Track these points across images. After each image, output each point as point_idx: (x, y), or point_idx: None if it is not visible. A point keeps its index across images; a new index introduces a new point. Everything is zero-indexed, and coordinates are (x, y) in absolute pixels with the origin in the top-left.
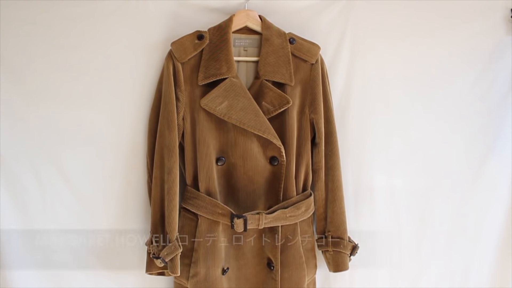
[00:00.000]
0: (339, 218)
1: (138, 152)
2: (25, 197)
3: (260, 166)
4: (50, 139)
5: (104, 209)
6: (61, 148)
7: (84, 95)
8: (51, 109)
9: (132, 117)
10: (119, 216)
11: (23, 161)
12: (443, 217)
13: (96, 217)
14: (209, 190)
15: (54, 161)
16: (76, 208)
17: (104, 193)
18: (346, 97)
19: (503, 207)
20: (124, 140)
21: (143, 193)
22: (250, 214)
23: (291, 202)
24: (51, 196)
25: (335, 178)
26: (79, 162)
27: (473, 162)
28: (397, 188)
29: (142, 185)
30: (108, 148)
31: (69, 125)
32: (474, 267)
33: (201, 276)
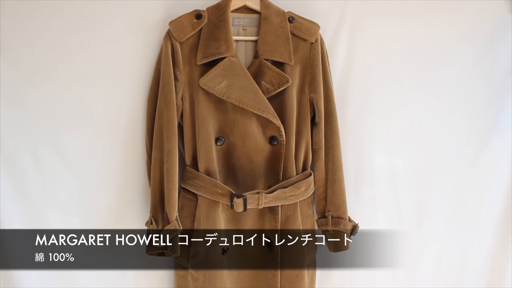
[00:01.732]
0: (339, 198)
1: (137, 133)
2: (24, 179)
3: (259, 145)
4: (48, 120)
5: (104, 190)
6: (59, 129)
7: (82, 76)
8: (48, 90)
9: (131, 97)
10: (118, 198)
11: (21, 143)
12: (443, 196)
13: (96, 199)
14: (208, 170)
15: (53, 142)
16: (76, 190)
17: (103, 174)
18: (346, 76)
19: (503, 187)
20: (123, 121)
21: (142, 174)
22: (249, 194)
23: (290, 182)
24: (50, 177)
25: (335, 158)
26: (77, 144)
27: (474, 142)
28: (397, 168)
29: (141, 166)
30: (107, 129)
31: (67, 106)
32: (473, 246)
33: (201, 255)
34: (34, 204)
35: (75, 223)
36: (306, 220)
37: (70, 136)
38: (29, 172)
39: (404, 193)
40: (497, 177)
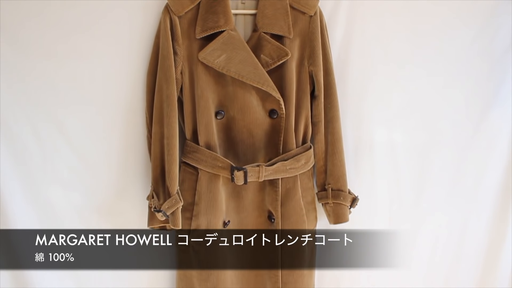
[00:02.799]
0: (339, 170)
1: (136, 108)
2: (25, 157)
3: (259, 119)
4: (48, 97)
5: (105, 166)
6: (59, 106)
7: (80, 52)
8: (47, 67)
9: (130, 72)
10: (119, 173)
11: (22, 120)
12: (442, 170)
13: (97, 174)
14: (208, 144)
15: (53, 119)
16: (77, 166)
17: (104, 150)
18: (346, 50)
19: (502, 161)
20: (123, 96)
21: (143, 149)
22: (250, 167)
23: (291, 155)
24: (51, 154)
25: (335, 131)
26: (78, 120)
27: (473, 116)
28: (396, 142)
29: (142, 140)
30: (107, 104)
31: (66, 83)
32: (472, 218)
33: (202, 228)
34: (35, 180)
35: (76, 198)
36: (306, 193)
37: (70, 112)
38: (30, 148)
39: (404, 166)
40: (496, 149)
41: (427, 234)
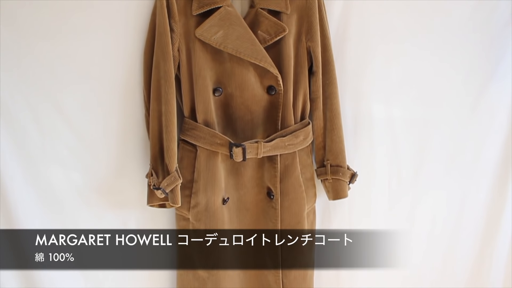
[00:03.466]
0: (338, 146)
1: (134, 86)
2: (24, 137)
3: (257, 95)
4: (45, 77)
5: (104, 145)
6: (57, 86)
7: (76, 30)
8: (43, 47)
9: (127, 50)
10: (118, 151)
11: (20, 101)
12: (441, 145)
13: (96, 154)
14: (207, 121)
15: (51, 99)
16: (76, 146)
17: (103, 129)
18: (344, 25)
19: (500, 136)
20: (120, 75)
21: (141, 127)
22: (248, 143)
23: (289, 131)
24: (50, 134)
25: (333, 107)
26: (76, 99)
27: (472, 91)
28: (395, 117)
29: (140, 119)
30: (104, 83)
31: (62, 62)
32: (470, 194)
33: (201, 206)
34: (34, 160)
35: (75, 178)
36: (305, 169)
37: (68, 92)
38: (28, 129)
39: (403, 142)
40: (495, 124)
41: (426, 210)
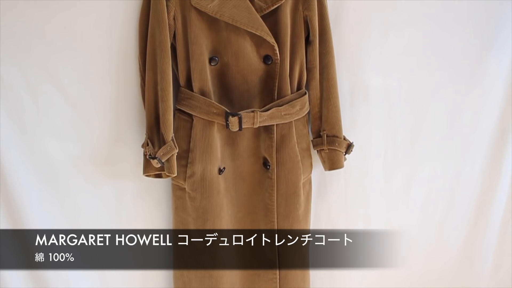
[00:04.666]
0: (334, 116)
1: (129, 55)
2: (19, 108)
3: (253, 65)
4: (39, 47)
5: (99, 115)
6: (51, 55)
7: (71, 0)
8: (37, 16)
9: (122, 19)
10: (114, 121)
11: (13, 71)
12: (438, 116)
13: (91, 124)
14: (203, 90)
15: (45, 69)
16: (71, 116)
17: (98, 99)
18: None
19: (497, 108)
20: (115, 44)
21: (136, 97)
22: (245, 112)
23: (285, 101)
24: (45, 105)
25: (330, 77)
26: (70, 69)
27: (470, 61)
28: (392, 88)
29: (135, 88)
30: (99, 53)
31: (57, 32)
32: (466, 165)
33: (197, 176)
34: (29, 131)
35: (71, 148)
36: (302, 140)
37: (62, 62)
38: (23, 99)
39: (399, 113)
40: (492, 96)
41: (421, 181)
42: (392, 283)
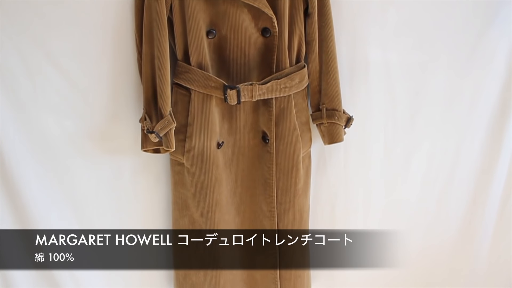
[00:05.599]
0: (334, 89)
1: (125, 30)
2: (14, 85)
3: (252, 38)
4: (34, 23)
5: (96, 90)
6: (46, 31)
7: None
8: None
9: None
10: (111, 97)
11: (8, 47)
12: (438, 91)
13: (88, 100)
14: (200, 64)
15: (40, 45)
16: (67, 92)
17: (94, 74)
18: None
19: (498, 83)
20: (111, 18)
21: (133, 72)
22: (243, 85)
23: (284, 74)
24: (40, 81)
25: (329, 50)
26: (66, 45)
27: (471, 36)
28: (392, 61)
29: (132, 63)
30: (94, 28)
31: (52, 8)
32: (466, 141)
33: (196, 150)
34: (26, 108)
35: (68, 125)
36: (301, 113)
37: (58, 38)
38: (18, 76)
39: (399, 87)
40: (493, 71)
41: (421, 156)
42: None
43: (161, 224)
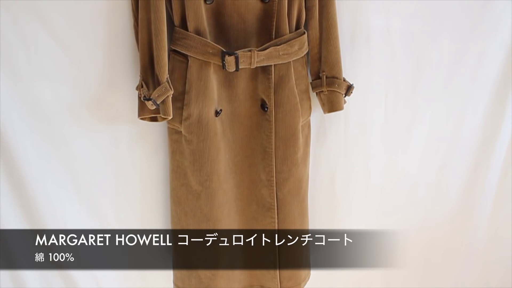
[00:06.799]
0: (334, 57)
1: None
2: (8, 52)
3: (250, 3)
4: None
5: (92, 58)
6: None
7: None
8: None
9: None
10: (107, 64)
11: (1, 14)
12: (441, 59)
13: (84, 67)
14: (198, 30)
15: (34, 12)
16: (63, 60)
17: (90, 41)
18: None
19: (503, 51)
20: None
21: (130, 38)
22: (241, 52)
23: (283, 40)
24: (35, 48)
25: (330, 16)
26: (60, 11)
27: (475, 3)
28: (394, 29)
29: (129, 29)
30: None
31: None
32: (468, 111)
33: (194, 118)
34: (20, 76)
35: (64, 93)
36: (300, 81)
37: (52, 4)
38: (12, 43)
39: (401, 55)
40: (497, 39)
41: (422, 126)
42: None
43: (158, 193)
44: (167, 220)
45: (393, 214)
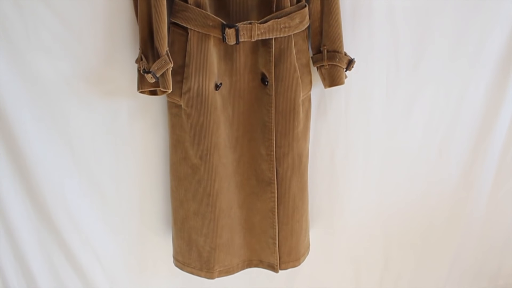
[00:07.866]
0: (335, 31)
1: None
2: (6, 25)
3: None
4: None
5: (90, 31)
6: None
7: None
8: None
9: None
10: (106, 37)
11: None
12: (443, 36)
13: (83, 41)
14: (198, 2)
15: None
16: (61, 33)
17: (89, 14)
18: None
19: (505, 29)
20: None
21: (129, 11)
22: (242, 24)
23: (284, 13)
24: (33, 21)
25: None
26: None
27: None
28: (396, 4)
29: (127, 2)
30: None
31: None
32: (470, 88)
33: (193, 91)
34: (18, 50)
35: (63, 67)
36: (301, 55)
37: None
38: (9, 16)
39: (403, 31)
40: (500, 16)
41: (423, 102)
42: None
43: (158, 167)
44: (167, 195)
45: (393, 190)
